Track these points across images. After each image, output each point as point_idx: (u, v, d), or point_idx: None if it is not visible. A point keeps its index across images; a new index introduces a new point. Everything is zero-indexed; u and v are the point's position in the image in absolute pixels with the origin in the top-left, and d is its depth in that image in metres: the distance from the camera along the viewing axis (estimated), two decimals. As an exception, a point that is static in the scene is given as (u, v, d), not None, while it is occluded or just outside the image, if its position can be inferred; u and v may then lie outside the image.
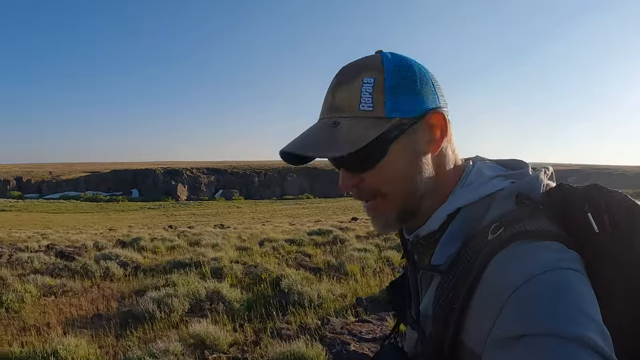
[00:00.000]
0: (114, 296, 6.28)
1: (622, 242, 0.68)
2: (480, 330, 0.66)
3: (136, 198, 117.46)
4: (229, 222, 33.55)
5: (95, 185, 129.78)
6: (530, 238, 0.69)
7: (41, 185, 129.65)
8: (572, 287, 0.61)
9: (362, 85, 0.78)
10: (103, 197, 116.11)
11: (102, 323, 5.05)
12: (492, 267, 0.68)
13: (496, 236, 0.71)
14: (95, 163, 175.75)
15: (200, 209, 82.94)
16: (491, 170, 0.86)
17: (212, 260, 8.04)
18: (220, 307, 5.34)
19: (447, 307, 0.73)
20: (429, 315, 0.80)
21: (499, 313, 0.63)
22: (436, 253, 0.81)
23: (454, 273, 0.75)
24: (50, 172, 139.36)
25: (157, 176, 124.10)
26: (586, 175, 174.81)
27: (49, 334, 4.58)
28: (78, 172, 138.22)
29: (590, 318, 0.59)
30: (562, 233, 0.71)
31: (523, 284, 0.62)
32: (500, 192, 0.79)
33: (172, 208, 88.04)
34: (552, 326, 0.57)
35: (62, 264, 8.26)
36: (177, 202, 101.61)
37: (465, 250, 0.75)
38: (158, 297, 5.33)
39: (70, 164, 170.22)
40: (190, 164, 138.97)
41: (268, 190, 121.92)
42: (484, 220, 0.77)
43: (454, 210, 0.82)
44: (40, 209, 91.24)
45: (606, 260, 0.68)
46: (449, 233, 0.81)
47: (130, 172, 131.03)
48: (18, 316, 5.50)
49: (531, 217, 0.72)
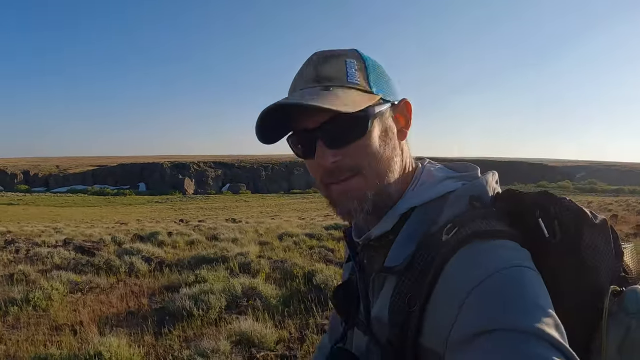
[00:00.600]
0: (143, 292, 6.08)
1: (569, 247, 0.72)
2: (440, 330, 0.66)
3: (143, 192, 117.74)
4: (238, 216, 33.45)
5: (103, 179, 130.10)
6: (486, 237, 0.70)
7: (48, 179, 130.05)
8: (529, 284, 0.64)
9: (346, 63, 0.80)
10: (110, 191, 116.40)
11: (136, 321, 4.86)
12: (450, 267, 0.69)
13: (452, 236, 0.72)
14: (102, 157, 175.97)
15: (207, 202, 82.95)
16: (441, 172, 0.87)
17: (239, 256, 7.85)
18: (257, 303, 5.15)
19: (405, 310, 0.73)
20: (383, 319, 0.78)
21: (459, 311, 0.64)
22: (391, 254, 0.80)
23: (411, 274, 0.74)
24: (58, 165, 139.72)
25: (165, 170, 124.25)
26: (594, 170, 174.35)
27: (87, 334, 4.38)
28: (85, 165, 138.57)
29: (547, 313, 0.61)
30: (515, 232, 0.73)
31: (482, 281, 0.64)
32: (453, 193, 0.81)
33: (179, 202, 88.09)
34: (513, 321, 0.59)
35: (84, 260, 8.08)
36: (184, 196, 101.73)
37: (421, 251, 0.75)
38: (193, 294, 5.14)
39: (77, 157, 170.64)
40: (197, 158, 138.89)
41: (275, 185, 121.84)
42: (439, 221, 0.78)
43: (407, 210, 0.82)
44: (47, 202, 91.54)
45: (554, 263, 0.71)
46: (403, 235, 0.81)
47: (137, 166, 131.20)
48: (46, 314, 5.31)
49: (484, 218, 0.74)
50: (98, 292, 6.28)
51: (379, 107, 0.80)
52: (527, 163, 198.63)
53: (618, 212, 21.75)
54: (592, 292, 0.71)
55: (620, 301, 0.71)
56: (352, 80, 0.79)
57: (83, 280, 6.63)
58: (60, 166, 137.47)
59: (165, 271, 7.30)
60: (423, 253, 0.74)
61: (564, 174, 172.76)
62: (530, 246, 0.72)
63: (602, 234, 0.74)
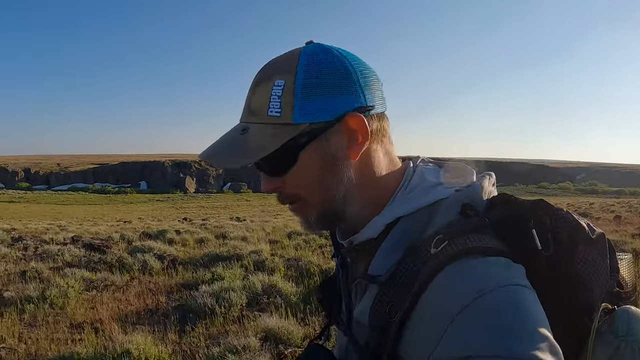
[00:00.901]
0: (160, 290, 6.04)
1: (563, 260, 0.69)
2: (422, 345, 0.63)
3: (144, 190, 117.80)
4: (240, 214, 33.37)
5: (104, 177, 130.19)
6: (477, 254, 0.66)
7: (49, 177, 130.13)
8: (525, 305, 0.61)
9: (272, 88, 0.73)
10: (111, 189, 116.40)
11: (157, 319, 4.82)
12: (437, 283, 0.65)
13: (441, 250, 0.68)
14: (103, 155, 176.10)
15: (209, 201, 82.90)
16: (434, 175, 0.81)
17: (252, 254, 7.81)
18: (277, 300, 5.10)
19: (384, 319, 0.70)
20: (363, 322, 0.75)
21: (445, 331, 0.60)
22: (374, 262, 0.77)
23: (394, 284, 0.71)
24: (59, 163, 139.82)
25: (166, 168, 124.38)
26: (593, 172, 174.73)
27: (109, 332, 4.33)
28: (86, 164, 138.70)
29: (544, 337, 0.57)
30: (506, 249, 0.69)
31: (473, 301, 0.60)
32: (445, 201, 0.76)
33: (180, 200, 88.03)
34: (507, 348, 0.55)
35: (97, 257, 8.04)
36: (185, 195, 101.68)
37: (406, 261, 0.71)
38: (213, 291, 5.11)
39: (78, 155, 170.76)
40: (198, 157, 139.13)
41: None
42: (427, 231, 0.74)
43: (393, 220, 0.77)
44: (48, 200, 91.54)
45: (546, 277, 0.68)
46: (388, 243, 0.76)
47: (138, 165, 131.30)
48: (63, 312, 5.27)
49: (476, 230, 0.70)
50: (113, 289, 6.23)
51: (307, 135, 0.73)
52: (528, 164, 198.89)
53: (621, 213, 21.64)
54: (582, 309, 0.69)
55: (611, 321, 0.70)
56: (271, 114, 0.73)
57: (98, 278, 6.59)
58: (61, 164, 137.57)
59: (178, 269, 7.26)
60: (409, 264, 0.70)
61: (565, 175, 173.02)
62: (522, 259, 0.68)
63: (599, 249, 0.72)
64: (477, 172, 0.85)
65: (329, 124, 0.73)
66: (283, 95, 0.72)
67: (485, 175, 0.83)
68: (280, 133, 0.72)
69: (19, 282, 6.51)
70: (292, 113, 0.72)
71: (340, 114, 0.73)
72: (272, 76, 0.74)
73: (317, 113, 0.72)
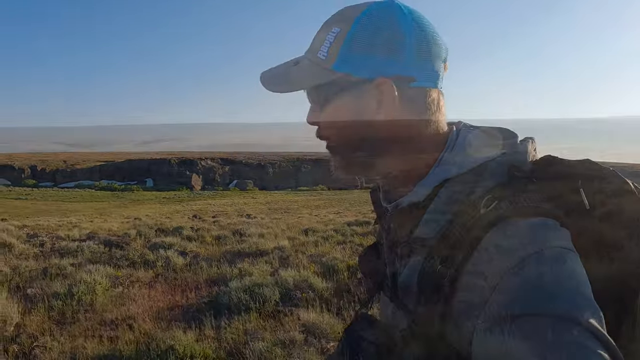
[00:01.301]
0: (188, 286, 5.99)
1: (609, 221, 0.68)
2: (471, 306, 0.65)
3: (150, 187, 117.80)
4: (249, 212, 33.26)
5: (110, 175, 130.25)
6: (526, 214, 0.67)
7: (56, 174, 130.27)
8: (570, 267, 0.61)
9: (328, 33, 0.77)
10: (118, 187, 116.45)
11: (191, 315, 4.77)
12: (486, 243, 0.66)
13: (490, 210, 0.68)
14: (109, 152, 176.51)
15: (215, 199, 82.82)
16: (479, 139, 0.81)
17: (276, 250, 7.78)
18: (310, 295, 5.06)
19: (434, 282, 0.70)
20: (411, 287, 0.76)
21: (494, 290, 0.62)
22: (422, 225, 0.77)
23: (443, 246, 0.71)
24: (65, 160, 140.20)
25: (172, 166, 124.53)
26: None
27: (146, 329, 4.28)
28: (92, 161, 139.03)
29: (588, 300, 0.58)
30: (555, 210, 0.69)
31: (520, 261, 0.61)
32: (491, 163, 0.76)
33: (187, 198, 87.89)
34: (553, 307, 0.57)
35: (118, 254, 8.00)
36: (191, 192, 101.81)
37: (455, 223, 0.71)
38: (245, 287, 5.07)
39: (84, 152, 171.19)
40: (204, 155, 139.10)
41: (282, 182, 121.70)
42: (475, 192, 0.74)
43: (440, 182, 0.77)
44: (55, 197, 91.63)
45: (592, 239, 0.68)
46: (436, 205, 0.76)
47: (144, 162, 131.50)
48: (92, 309, 5.21)
49: (524, 191, 0.71)
50: (139, 286, 6.19)
51: (341, 83, 0.77)
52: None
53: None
54: (629, 270, 0.68)
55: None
56: (319, 56, 0.77)
57: (122, 274, 6.55)
58: (67, 161, 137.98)
59: (202, 265, 7.21)
60: (457, 225, 0.71)
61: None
62: (570, 220, 0.69)
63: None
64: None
65: (364, 80, 0.76)
66: (334, 42, 0.76)
67: (528, 139, 0.83)
68: (319, 74, 0.77)
69: (41, 278, 6.48)
70: (334, 60, 0.76)
71: (376, 76, 0.75)
72: (334, 22, 0.78)
73: (356, 67, 0.75)
